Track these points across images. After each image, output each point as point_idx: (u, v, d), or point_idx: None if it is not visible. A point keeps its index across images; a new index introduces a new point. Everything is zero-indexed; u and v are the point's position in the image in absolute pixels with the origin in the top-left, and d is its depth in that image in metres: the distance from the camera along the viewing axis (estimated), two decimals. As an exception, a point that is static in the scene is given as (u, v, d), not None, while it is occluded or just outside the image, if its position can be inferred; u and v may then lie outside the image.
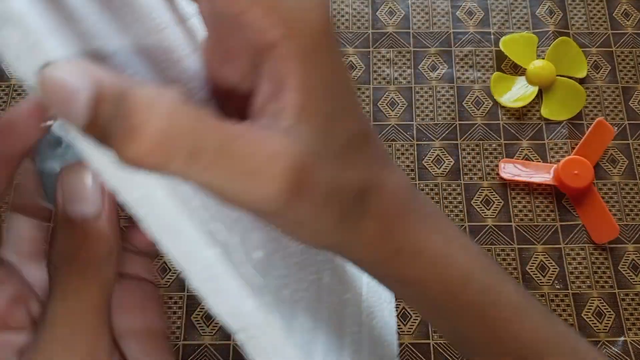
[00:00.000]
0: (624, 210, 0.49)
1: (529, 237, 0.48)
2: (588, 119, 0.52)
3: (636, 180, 0.50)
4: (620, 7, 0.56)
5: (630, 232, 0.48)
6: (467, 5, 0.56)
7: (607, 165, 0.51)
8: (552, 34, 0.54)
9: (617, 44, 0.55)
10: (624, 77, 0.53)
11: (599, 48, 0.54)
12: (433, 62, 0.54)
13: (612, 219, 0.48)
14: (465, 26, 0.55)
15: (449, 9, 0.56)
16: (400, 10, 0.56)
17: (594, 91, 0.53)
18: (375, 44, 0.54)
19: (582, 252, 0.48)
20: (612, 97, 0.53)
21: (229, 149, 0.15)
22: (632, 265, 0.47)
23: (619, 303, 0.46)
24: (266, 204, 0.16)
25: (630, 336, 0.46)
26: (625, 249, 0.48)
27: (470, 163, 0.50)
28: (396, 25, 0.55)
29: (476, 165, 0.50)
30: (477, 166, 0.50)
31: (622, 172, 0.50)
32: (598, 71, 0.54)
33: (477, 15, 0.56)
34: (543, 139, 0.51)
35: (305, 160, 0.17)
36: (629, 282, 0.47)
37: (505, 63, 0.54)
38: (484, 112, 0.52)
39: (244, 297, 0.20)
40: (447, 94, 0.53)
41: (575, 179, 0.48)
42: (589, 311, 0.46)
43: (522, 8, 0.56)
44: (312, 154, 0.17)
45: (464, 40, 0.55)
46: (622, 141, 0.51)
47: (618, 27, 0.55)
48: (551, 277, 0.47)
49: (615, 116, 0.52)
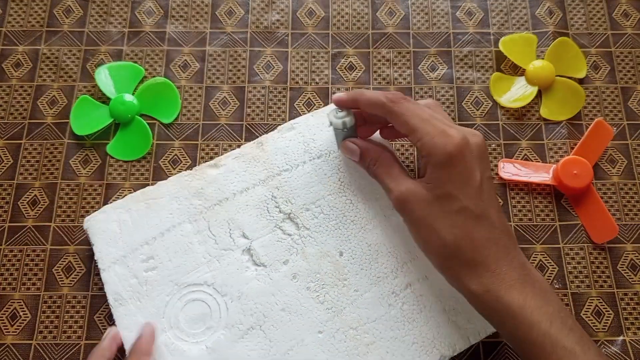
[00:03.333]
0: (623, 210, 0.49)
1: (528, 236, 0.48)
2: (587, 119, 0.52)
3: (635, 180, 0.50)
4: (620, 7, 0.56)
5: (629, 231, 0.49)
6: (466, 5, 0.56)
7: (606, 165, 0.51)
8: (551, 35, 0.54)
9: (616, 44, 0.55)
10: (623, 77, 0.54)
11: (598, 48, 0.55)
12: (433, 62, 0.54)
13: (611, 218, 0.48)
14: (464, 27, 0.55)
15: (448, 10, 0.56)
16: (400, 10, 0.56)
17: (593, 91, 0.53)
18: (375, 45, 0.55)
19: (581, 251, 0.48)
20: (612, 98, 0.53)
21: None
22: (630, 264, 0.48)
23: (618, 302, 0.47)
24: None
25: (629, 335, 0.46)
26: (624, 248, 0.48)
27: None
28: (396, 25, 0.55)
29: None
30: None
31: (621, 172, 0.51)
32: (597, 71, 0.54)
33: (476, 16, 0.56)
34: (542, 139, 0.51)
35: (413, 192, 0.40)
36: (628, 281, 0.47)
37: (505, 63, 0.54)
38: (483, 113, 0.52)
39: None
40: (447, 94, 0.53)
41: (574, 179, 0.48)
42: (588, 311, 0.46)
43: (521, 8, 0.56)
44: (419, 193, 0.40)
45: (464, 40, 0.55)
46: (621, 141, 0.51)
47: (617, 27, 0.55)
48: (550, 276, 0.47)
49: (615, 116, 0.52)
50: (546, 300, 0.37)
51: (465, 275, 0.38)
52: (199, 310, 0.42)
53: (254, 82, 0.53)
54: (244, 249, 0.44)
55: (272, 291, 0.43)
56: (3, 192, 0.49)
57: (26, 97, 0.52)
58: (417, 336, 0.41)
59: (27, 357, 0.45)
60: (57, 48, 0.54)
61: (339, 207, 0.45)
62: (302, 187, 0.45)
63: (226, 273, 0.43)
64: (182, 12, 0.55)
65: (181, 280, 0.43)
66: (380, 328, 0.42)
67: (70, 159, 0.50)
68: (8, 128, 0.51)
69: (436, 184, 0.39)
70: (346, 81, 0.53)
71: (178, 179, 0.46)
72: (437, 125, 0.39)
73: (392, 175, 0.41)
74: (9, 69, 0.53)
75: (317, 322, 0.42)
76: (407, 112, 0.40)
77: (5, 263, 0.47)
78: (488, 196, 0.39)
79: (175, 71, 0.53)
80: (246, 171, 0.46)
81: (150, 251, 0.44)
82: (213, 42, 0.54)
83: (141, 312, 0.42)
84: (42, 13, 0.55)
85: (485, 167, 0.40)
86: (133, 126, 0.51)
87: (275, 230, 0.44)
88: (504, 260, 0.38)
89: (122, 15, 0.55)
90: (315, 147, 0.47)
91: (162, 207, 0.45)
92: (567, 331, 0.36)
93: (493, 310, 0.37)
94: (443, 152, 0.38)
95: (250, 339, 0.41)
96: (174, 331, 0.42)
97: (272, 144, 0.47)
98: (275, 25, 0.55)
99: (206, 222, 0.44)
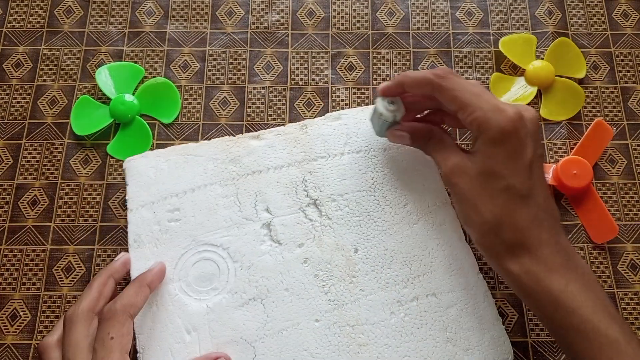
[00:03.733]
0: (623, 210, 0.49)
1: (528, 236, 0.48)
2: (587, 120, 0.52)
3: (635, 180, 0.50)
4: (619, 7, 0.56)
5: (629, 231, 0.49)
6: (466, 6, 0.56)
7: (606, 165, 0.51)
8: (551, 35, 0.54)
9: (616, 44, 0.55)
10: (622, 77, 0.54)
11: (598, 48, 0.55)
12: (432, 62, 0.54)
13: (611, 218, 0.48)
14: (464, 27, 0.55)
15: (448, 10, 0.56)
16: (400, 11, 0.56)
17: (593, 91, 0.53)
18: (375, 45, 0.55)
19: (581, 251, 0.48)
20: (611, 98, 0.53)
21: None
22: (630, 264, 0.48)
23: (618, 302, 0.47)
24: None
25: (629, 335, 0.46)
26: (624, 248, 0.48)
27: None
28: (396, 26, 0.55)
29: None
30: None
31: (621, 172, 0.51)
32: (597, 71, 0.54)
33: (476, 16, 0.56)
34: (542, 139, 0.51)
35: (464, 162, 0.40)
36: (628, 281, 0.47)
37: (505, 64, 0.54)
38: (483, 113, 0.52)
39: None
40: (447, 94, 0.53)
41: (574, 179, 0.48)
42: (588, 311, 0.46)
43: (521, 9, 0.56)
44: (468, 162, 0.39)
45: (464, 41, 0.55)
46: (621, 141, 0.52)
47: (617, 27, 0.55)
48: (550, 276, 0.47)
49: (614, 116, 0.52)
50: (588, 287, 0.36)
51: (504, 255, 0.37)
52: (208, 270, 0.43)
53: (254, 82, 0.53)
54: (265, 223, 0.45)
55: (281, 269, 0.43)
56: (3, 192, 0.49)
57: (26, 97, 0.52)
58: (411, 350, 0.41)
59: (27, 357, 0.45)
60: (58, 48, 0.54)
61: (365, 205, 0.45)
62: (335, 177, 0.46)
63: (242, 241, 0.44)
64: (182, 12, 0.56)
65: (199, 238, 0.44)
66: (377, 332, 0.42)
67: (70, 159, 0.50)
68: (8, 128, 0.51)
69: (483, 160, 0.38)
70: (346, 81, 0.53)
71: (220, 142, 0.47)
72: (490, 100, 0.38)
73: (444, 149, 0.41)
74: (9, 69, 0.53)
75: (317, 311, 0.42)
76: (457, 87, 0.39)
77: (5, 263, 0.47)
78: (537, 175, 0.38)
79: (175, 71, 0.53)
80: (285, 149, 0.47)
81: (178, 203, 0.45)
82: (213, 42, 0.54)
83: (155, 257, 0.43)
84: (43, 13, 0.55)
85: (537, 145, 0.39)
86: (133, 126, 0.51)
87: (299, 212, 0.45)
88: (547, 242, 0.37)
89: (123, 16, 0.55)
90: (357, 141, 0.47)
91: (198, 165, 0.46)
92: (609, 319, 0.35)
93: (531, 292, 0.37)
94: (496, 128, 0.37)
95: (249, 309, 0.42)
96: (181, 284, 0.43)
97: (316, 129, 0.47)
98: (275, 26, 0.55)
99: (235, 189, 0.45)
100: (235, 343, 0.41)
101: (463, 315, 0.42)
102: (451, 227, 0.45)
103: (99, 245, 0.48)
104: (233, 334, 0.42)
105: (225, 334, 0.42)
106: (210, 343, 0.41)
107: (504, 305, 0.46)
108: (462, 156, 0.39)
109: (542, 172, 0.39)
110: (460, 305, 0.43)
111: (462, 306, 0.43)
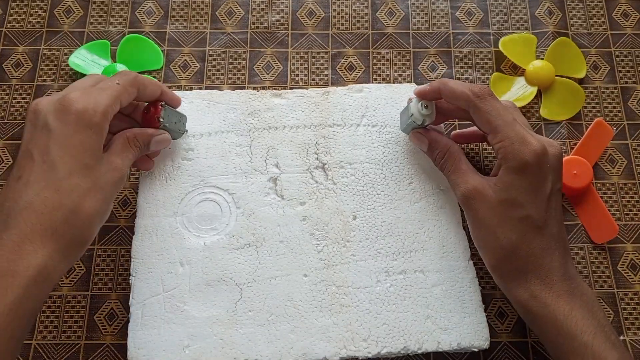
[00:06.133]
0: (623, 210, 0.49)
1: (528, 236, 0.48)
2: (587, 119, 0.52)
3: (635, 180, 0.50)
4: (620, 7, 0.56)
5: (629, 231, 0.49)
6: (466, 6, 0.56)
7: (606, 165, 0.51)
8: (551, 35, 0.54)
9: (616, 44, 0.55)
10: (622, 77, 0.54)
11: (598, 48, 0.55)
12: (432, 62, 0.54)
13: (611, 218, 0.48)
14: (464, 27, 0.55)
15: (448, 10, 0.56)
16: (400, 11, 0.56)
17: (593, 91, 0.53)
18: (375, 45, 0.55)
19: (581, 251, 0.48)
20: (611, 98, 0.53)
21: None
22: (630, 264, 0.48)
23: (618, 302, 0.47)
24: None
25: (630, 335, 0.46)
26: (624, 248, 0.48)
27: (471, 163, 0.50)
28: (396, 26, 0.55)
29: (476, 166, 0.50)
30: (478, 166, 0.50)
31: (621, 172, 0.51)
32: (597, 71, 0.54)
33: (476, 16, 0.56)
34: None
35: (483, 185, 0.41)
36: (628, 281, 0.47)
37: (505, 63, 0.54)
38: (483, 113, 0.52)
39: None
40: (447, 94, 0.53)
41: (574, 179, 0.48)
42: (588, 311, 0.46)
43: (521, 9, 0.56)
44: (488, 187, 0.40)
45: (464, 40, 0.55)
46: (621, 141, 0.52)
47: (617, 27, 0.55)
48: (550, 276, 0.47)
49: (614, 116, 0.52)
50: (592, 313, 0.38)
51: (514, 280, 0.39)
52: (211, 211, 0.45)
53: (254, 83, 0.53)
54: (272, 177, 0.46)
55: (279, 222, 0.45)
56: (3, 192, 0.49)
57: (26, 97, 0.52)
58: (391, 319, 0.42)
59: (27, 357, 0.45)
60: (58, 48, 0.54)
61: (371, 177, 0.46)
62: (347, 145, 0.47)
63: (248, 190, 0.46)
64: (182, 12, 0.56)
65: (208, 179, 0.46)
66: (361, 297, 0.43)
67: (70, 159, 0.50)
68: (8, 128, 0.51)
69: (505, 188, 0.39)
70: (346, 81, 0.53)
71: (243, 94, 0.49)
72: (519, 131, 0.39)
73: (460, 171, 0.42)
74: (9, 69, 0.53)
75: (307, 267, 0.44)
76: (492, 111, 0.40)
77: (5, 263, 0.47)
78: (554, 207, 0.40)
79: (175, 71, 0.53)
80: (304, 112, 0.48)
81: (193, 144, 0.47)
82: (213, 42, 0.54)
83: (163, 190, 0.45)
84: (43, 13, 0.55)
85: (557, 179, 0.40)
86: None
87: (306, 173, 0.46)
88: (556, 271, 0.39)
89: (122, 16, 0.55)
90: (374, 115, 0.48)
91: (219, 112, 0.48)
92: (609, 345, 0.36)
93: (537, 316, 0.38)
94: (520, 159, 0.39)
95: (243, 253, 0.44)
96: (183, 219, 0.45)
97: (337, 97, 0.49)
98: (275, 26, 0.55)
99: (250, 140, 0.47)
100: (224, 282, 0.43)
101: (447, 296, 0.43)
102: (451, 212, 0.45)
103: (99, 245, 0.48)
104: (224, 274, 0.43)
105: (216, 272, 0.43)
106: (200, 278, 0.43)
107: (504, 306, 0.46)
108: (481, 181, 0.41)
109: (559, 205, 0.41)
110: (445, 286, 0.43)
111: (448, 287, 0.43)
